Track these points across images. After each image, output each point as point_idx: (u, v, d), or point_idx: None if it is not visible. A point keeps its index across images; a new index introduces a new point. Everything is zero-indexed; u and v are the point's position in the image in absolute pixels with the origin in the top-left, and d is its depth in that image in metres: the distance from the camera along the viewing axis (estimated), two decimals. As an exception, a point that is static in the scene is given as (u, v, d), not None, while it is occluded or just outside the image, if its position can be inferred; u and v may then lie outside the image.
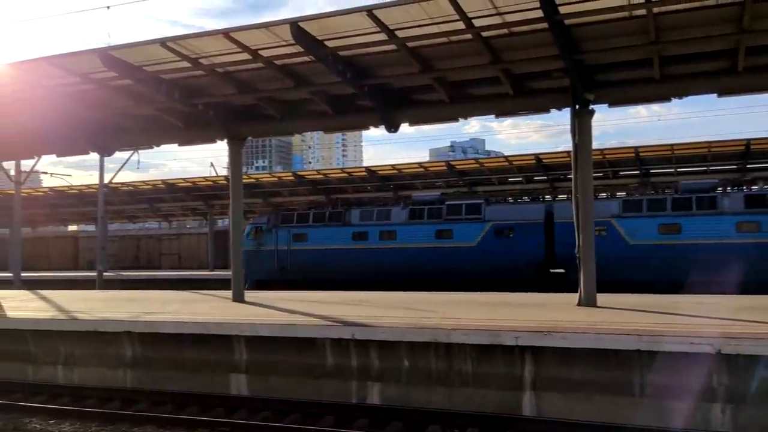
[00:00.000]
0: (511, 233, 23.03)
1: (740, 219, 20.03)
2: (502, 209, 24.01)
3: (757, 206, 20.21)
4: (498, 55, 11.31)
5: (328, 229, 26.09)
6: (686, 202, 20.97)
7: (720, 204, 20.56)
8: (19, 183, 29.79)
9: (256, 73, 12.58)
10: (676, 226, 20.56)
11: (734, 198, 20.68)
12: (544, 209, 23.21)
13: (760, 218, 19.95)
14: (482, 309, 11.63)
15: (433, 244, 23.82)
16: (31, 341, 11.60)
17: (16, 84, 13.17)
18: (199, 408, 9.23)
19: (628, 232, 21.43)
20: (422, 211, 24.75)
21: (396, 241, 24.64)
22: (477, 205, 24.12)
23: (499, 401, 8.61)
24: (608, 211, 21.61)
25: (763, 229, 19.84)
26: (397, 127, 13.40)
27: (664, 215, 20.89)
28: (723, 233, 19.92)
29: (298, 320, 10.38)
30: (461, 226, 23.76)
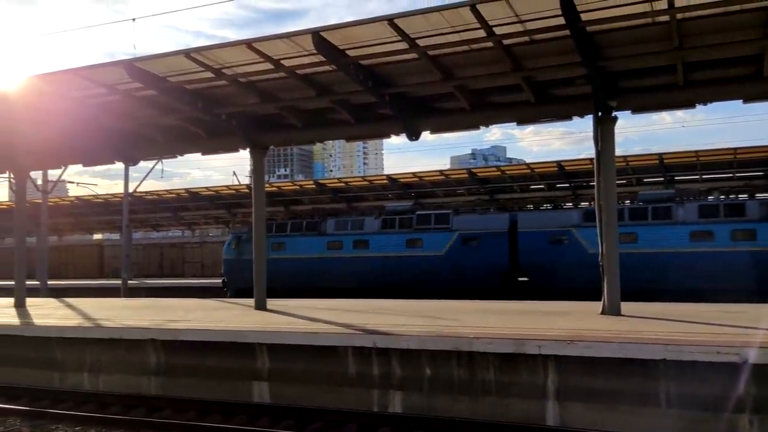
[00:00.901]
0: (477, 242, 23.61)
1: (694, 228, 20.47)
2: (469, 219, 24.68)
3: (710, 216, 20.56)
4: (519, 62, 11.29)
5: (305, 238, 26.75)
6: (642, 211, 21.44)
7: (675, 214, 20.95)
8: (46, 192, 30.35)
9: (279, 83, 12.69)
10: (633, 235, 20.87)
11: (688, 208, 21.07)
12: (509, 219, 23.81)
13: (714, 227, 20.29)
14: (504, 317, 11.56)
15: (404, 253, 24.44)
16: (58, 348, 11.76)
17: (45, 95, 13.43)
18: (222, 416, 9.28)
19: (587, 241, 21.62)
20: (394, 221, 25.43)
21: (369, 250, 25.22)
22: (445, 215, 24.79)
23: (522, 411, 8.54)
24: (569, 221, 22.32)
25: (717, 239, 20.21)
26: (418, 135, 13.41)
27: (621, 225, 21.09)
28: (677, 242, 20.33)
29: (320, 328, 10.41)
30: (430, 236, 24.42)
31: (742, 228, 19.86)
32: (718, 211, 20.63)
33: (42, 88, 13.17)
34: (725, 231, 20.07)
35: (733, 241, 19.93)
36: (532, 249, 22.41)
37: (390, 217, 25.98)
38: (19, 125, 14.81)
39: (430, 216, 24.99)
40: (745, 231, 19.91)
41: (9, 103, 13.79)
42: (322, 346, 9.73)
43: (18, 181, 17.91)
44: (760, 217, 20.14)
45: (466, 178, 30.68)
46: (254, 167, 15.69)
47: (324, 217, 27.71)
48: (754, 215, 20.19)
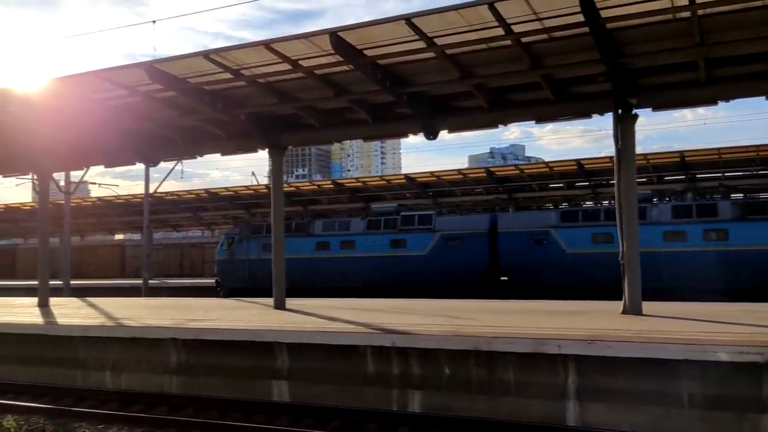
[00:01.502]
0: (458, 243, 24.12)
1: (667, 229, 20.89)
2: (451, 220, 25.26)
3: (683, 216, 20.94)
4: (538, 60, 11.22)
5: (293, 239, 26.94)
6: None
7: (648, 214, 21.22)
8: (69, 193, 30.75)
9: (297, 83, 12.74)
10: (608, 235, 20.98)
11: (662, 209, 21.50)
12: (489, 220, 24.36)
13: (686, 228, 20.68)
14: (523, 317, 11.51)
15: (389, 253, 25.01)
16: (81, 347, 11.92)
17: (67, 97, 13.61)
18: (243, 414, 9.34)
19: (565, 241, 22.55)
20: (379, 222, 26.00)
21: (355, 251, 25.83)
22: (428, 216, 25.38)
23: (542, 411, 8.49)
24: (548, 222, 22.98)
25: (689, 239, 20.58)
26: (436, 135, 13.39)
27: (597, 225, 21.93)
28: (650, 242, 20.22)
29: (339, 327, 10.44)
30: (414, 236, 25.05)
31: (714, 228, 20.34)
32: (691, 211, 21.01)
33: (63, 90, 13.35)
34: (697, 231, 20.51)
35: (705, 240, 20.33)
36: (512, 249, 23.08)
37: (375, 218, 26.55)
38: (42, 127, 15.02)
39: (413, 217, 25.55)
40: (717, 231, 20.27)
41: (31, 106, 13.99)
42: (341, 345, 9.76)
43: (41, 182, 18.18)
44: (731, 217, 20.43)
45: (484, 177, 30.56)
46: (273, 167, 15.77)
47: (312, 219, 28.38)
48: (726, 215, 20.49)
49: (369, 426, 8.60)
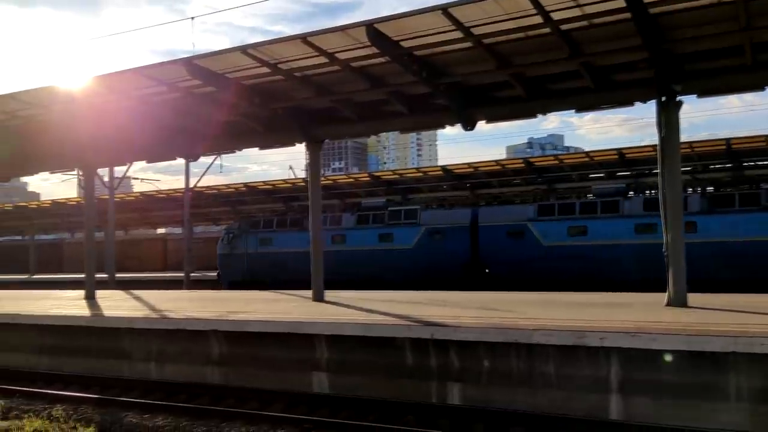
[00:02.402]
0: (442, 236, 25.13)
1: (638, 221, 21.50)
2: (435, 214, 26.26)
3: (654, 209, 20.82)
4: (578, 48, 11.02)
5: (288, 233, 28.56)
6: (592, 206, 22.77)
7: (621, 207, 22.12)
8: (113, 188, 31.51)
9: (333, 76, 12.77)
10: (583, 228, 22.24)
11: (634, 201, 22.23)
12: (471, 213, 25.24)
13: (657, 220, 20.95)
14: (564, 309, 11.36)
15: (377, 247, 26.00)
16: (126, 339, 12.21)
17: (109, 94, 13.91)
18: (283, 405, 9.45)
19: (542, 235, 23.34)
20: (368, 217, 27.03)
21: (345, 244, 26.86)
22: (414, 210, 26.45)
23: (584, 404, 8.37)
24: (525, 215, 23.84)
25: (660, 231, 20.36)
26: (473, 125, 13.27)
27: (572, 218, 22.78)
28: (623, 235, 21.43)
29: (378, 320, 10.46)
30: (400, 230, 26.05)
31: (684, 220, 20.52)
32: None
33: (106, 87, 13.64)
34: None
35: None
36: (492, 242, 24.03)
37: (364, 213, 27.56)
38: (86, 124, 15.39)
39: (400, 212, 26.57)
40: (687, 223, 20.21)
41: (76, 104, 14.35)
42: (379, 337, 9.78)
43: (86, 177, 18.65)
44: (700, 210, 21.05)
45: (522, 168, 30.16)
46: (310, 160, 15.87)
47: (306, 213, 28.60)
48: (694, 208, 21.00)
49: (407, 418, 8.61)
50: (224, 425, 8.48)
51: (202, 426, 8.41)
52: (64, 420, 8.62)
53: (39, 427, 8.16)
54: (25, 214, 45.74)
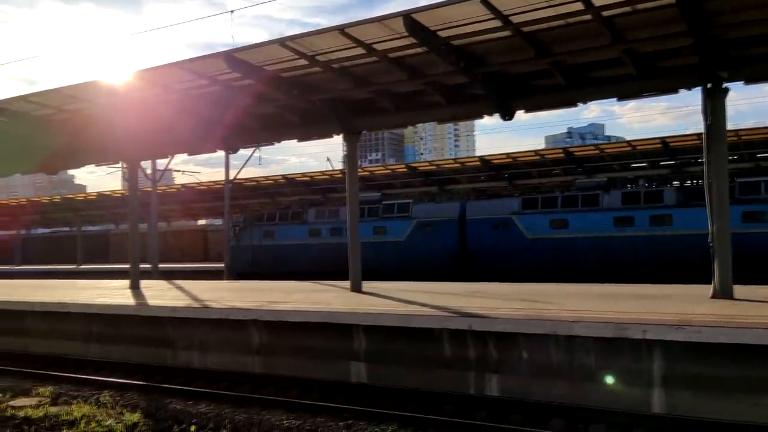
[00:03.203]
0: (432, 229, 26.22)
1: (617, 215, 22.42)
2: (426, 208, 27.41)
3: (631, 203, 22.26)
4: (620, 34, 10.78)
5: (290, 226, 30.20)
6: (573, 199, 23.51)
7: (601, 201, 22.90)
8: (155, 181, 32.15)
9: (371, 67, 12.77)
10: (564, 221, 23.16)
11: (613, 195, 22.94)
12: (459, 207, 26.29)
13: (634, 213, 22.03)
14: (605, 301, 11.19)
15: (371, 239, 26.67)
16: (169, 327, 12.49)
17: (151, 88, 14.18)
18: (322, 394, 9.55)
19: (526, 227, 24.38)
20: (363, 210, 27.54)
21: (341, 237, 27.14)
22: (406, 204, 27.63)
23: (625, 397, 8.25)
24: (510, 209, 24.77)
25: (637, 224, 21.95)
26: (512, 115, 13.13)
27: (554, 212, 23.67)
28: (603, 227, 22.33)
29: (415, 311, 10.47)
30: (393, 223, 27.36)
31: (659, 213, 21.84)
32: (639, 198, 22.39)
33: (148, 81, 13.90)
34: (644, 216, 21.95)
35: (652, 225, 21.76)
36: (478, 234, 25.06)
37: (360, 206, 28.24)
38: (129, 118, 15.72)
39: (393, 205, 27.75)
40: (662, 216, 21.61)
41: (119, 98, 14.67)
42: (417, 328, 9.79)
43: (130, 170, 19.08)
44: (675, 203, 21.77)
45: (562, 158, 29.76)
46: (347, 152, 15.92)
47: (306, 207, 30.81)
48: (670, 202, 21.85)
49: (445, 408, 8.62)
50: (264, 413, 8.62)
51: (244, 414, 8.56)
52: (111, 406, 8.88)
53: (87, 413, 8.42)
54: (73, 206, 47.09)
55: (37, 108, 15.78)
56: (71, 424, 7.93)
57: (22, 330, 14.58)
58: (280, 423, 8.04)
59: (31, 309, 14.45)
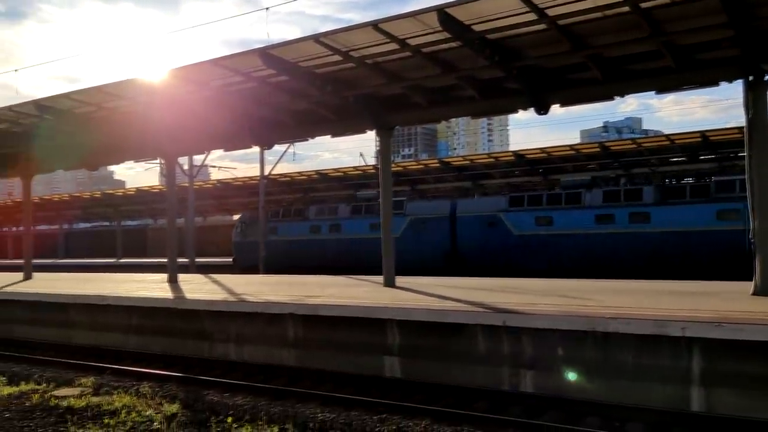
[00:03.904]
0: (425, 226, 27.02)
1: (598, 212, 23.11)
2: (419, 205, 28.36)
3: (612, 201, 22.99)
4: (659, 26, 10.57)
5: (292, 223, 31.42)
6: (557, 197, 24.29)
7: (583, 199, 23.66)
8: (192, 176, 32.66)
9: (404, 62, 12.76)
10: (549, 218, 23.87)
11: (594, 193, 23.68)
12: (450, 205, 27.07)
13: (615, 211, 22.72)
14: (643, 297, 11.02)
15: (368, 235, 27.40)
16: (207, 320, 12.70)
17: (188, 85, 14.40)
18: (356, 388, 9.62)
19: (513, 224, 25.17)
20: (361, 207, 29.22)
21: (341, 233, 29.27)
22: (400, 201, 28.07)
23: (663, 395, 8.14)
24: (498, 206, 25.61)
25: (617, 221, 22.63)
26: (547, 109, 13.00)
27: (540, 209, 24.41)
28: (584, 224, 23.01)
29: (449, 306, 10.47)
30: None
31: (638, 211, 22.46)
32: (619, 196, 23.10)
33: (184, 78, 14.12)
34: (624, 214, 22.58)
35: (631, 223, 22.36)
36: (468, 231, 25.88)
37: (358, 204, 29.91)
38: (167, 114, 16.01)
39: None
40: (641, 214, 22.25)
41: (157, 95, 14.95)
42: (451, 323, 9.79)
43: (167, 166, 19.42)
44: (654, 201, 22.32)
45: (598, 152, 29.30)
46: (380, 147, 15.95)
47: (307, 205, 32.17)
48: (649, 200, 22.43)
49: (479, 404, 8.60)
50: (299, 405, 8.72)
51: (279, 406, 8.67)
52: (150, 396, 9.09)
53: (128, 403, 8.63)
54: (113, 201, 48.13)
55: (79, 105, 16.17)
56: (112, 413, 8.13)
57: (65, 322, 15.01)
58: (315, 416, 8.12)
59: (74, 301, 14.86)
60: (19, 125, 18.05)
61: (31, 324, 15.71)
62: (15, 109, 16.79)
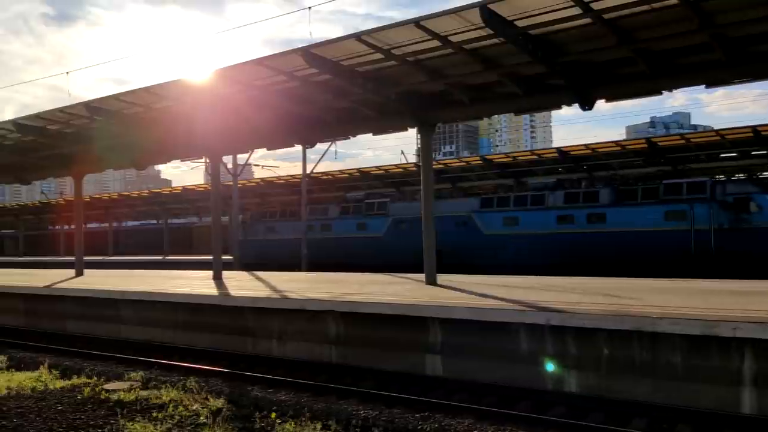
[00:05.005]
0: (405, 226, 28.23)
1: (560, 213, 24.50)
2: (401, 206, 29.73)
3: (572, 202, 24.36)
4: (709, 18, 10.27)
5: (288, 222, 33.06)
6: (524, 199, 25.74)
7: (547, 200, 25.07)
8: (236, 175, 33.17)
9: (446, 59, 12.70)
10: (515, 218, 25.38)
11: (557, 195, 25.06)
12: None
13: (574, 212, 24.14)
14: (691, 296, 10.73)
15: (355, 234, 29.94)
16: (250, 317, 12.90)
17: (232, 85, 14.63)
18: (398, 386, 9.63)
19: (483, 224, 26.71)
20: (349, 208, 30.97)
21: (331, 232, 31.22)
22: (384, 203, 30.30)
23: (713, 397, 7.92)
24: (470, 207, 27.03)
25: (576, 221, 24.05)
26: (592, 105, 12.78)
27: (507, 210, 25.97)
28: (547, 225, 24.45)
29: (491, 304, 10.38)
30: (374, 220, 29.97)
31: (595, 212, 23.83)
32: (579, 197, 24.40)
33: (229, 79, 14.34)
34: (582, 215, 23.98)
35: (589, 223, 23.72)
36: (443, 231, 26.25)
37: (347, 204, 31.90)
38: (212, 114, 16.29)
39: (374, 204, 30.49)
40: (598, 215, 23.61)
41: (203, 95, 15.22)
42: (493, 321, 9.71)
43: (213, 165, 19.79)
44: (609, 203, 23.72)
45: (644, 149, 28.68)
46: (422, 145, 15.91)
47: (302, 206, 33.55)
48: (605, 201, 23.84)
49: (522, 403, 8.52)
50: (342, 402, 8.78)
51: (322, 402, 8.74)
52: (196, 391, 9.26)
53: (175, 397, 8.82)
54: (160, 199, 49.27)
55: (128, 107, 16.59)
56: (160, 407, 8.32)
57: (114, 317, 15.44)
58: (357, 413, 8.16)
59: (123, 297, 15.26)
60: (70, 126, 18.63)
61: (83, 319, 16.21)
62: (66, 111, 17.33)
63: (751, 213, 21.14)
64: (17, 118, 18.46)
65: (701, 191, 22.22)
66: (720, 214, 21.56)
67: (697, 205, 21.90)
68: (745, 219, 21.18)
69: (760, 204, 21.19)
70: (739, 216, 21.29)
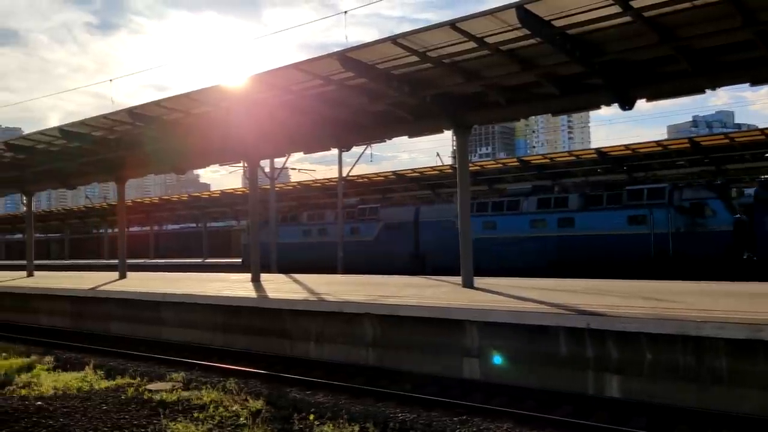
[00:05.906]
0: (394, 230, 29.78)
1: (533, 217, 25.69)
2: (390, 211, 31.15)
3: (544, 207, 25.54)
4: (752, 15, 10.01)
5: (289, 227, 34.56)
6: (500, 204, 26.90)
7: (521, 206, 26.23)
8: (273, 179, 33.54)
9: (482, 61, 12.63)
10: (493, 223, 26.46)
11: (530, 201, 26.13)
12: (414, 211, 30.01)
13: (546, 216, 25.32)
14: (736, 300, 10.44)
15: (348, 238, 31.08)
16: (288, 320, 13.01)
17: (270, 90, 14.79)
18: (436, 389, 9.59)
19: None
20: (343, 213, 31.79)
21: (327, 236, 32.36)
22: (374, 208, 31.89)
23: (759, 403, 7.69)
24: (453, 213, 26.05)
25: (548, 225, 25.16)
26: (632, 104, 12.56)
27: (486, 215, 26.77)
28: (521, 229, 25.69)
29: (530, 307, 10.27)
30: (366, 225, 31.36)
31: (565, 217, 24.83)
32: (550, 203, 25.48)
33: (267, 83, 14.50)
34: (553, 219, 25.02)
35: (559, 227, 24.77)
36: (428, 235, 28.49)
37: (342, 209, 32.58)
38: (250, 119, 16.51)
39: (366, 209, 31.93)
40: (567, 219, 24.69)
41: (240, 100, 15.44)
42: (531, 325, 9.61)
43: (251, 169, 20.04)
44: (577, 208, 24.71)
45: (687, 149, 28.05)
46: (457, 147, 15.85)
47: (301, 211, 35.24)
48: (573, 206, 24.81)
49: (563, 408, 8.41)
50: (379, 404, 8.79)
51: (359, 405, 8.76)
52: (236, 392, 9.38)
53: (215, 398, 8.94)
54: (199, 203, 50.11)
55: (168, 112, 16.91)
56: (201, 408, 8.45)
57: (156, 319, 15.75)
58: (395, 416, 8.16)
59: (164, 300, 15.56)
60: (114, 132, 19.09)
61: (125, 321, 16.58)
62: (110, 117, 17.77)
63: (706, 217, 22.11)
64: (63, 125, 18.98)
65: (660, 197, 23.13)
66: (677, 218, 22.48)
67: (656, 210, 22.86)
68: (700, 223, 22.15)
69: (714, 209, 22.09)
70: (695, 220, 22.26)
